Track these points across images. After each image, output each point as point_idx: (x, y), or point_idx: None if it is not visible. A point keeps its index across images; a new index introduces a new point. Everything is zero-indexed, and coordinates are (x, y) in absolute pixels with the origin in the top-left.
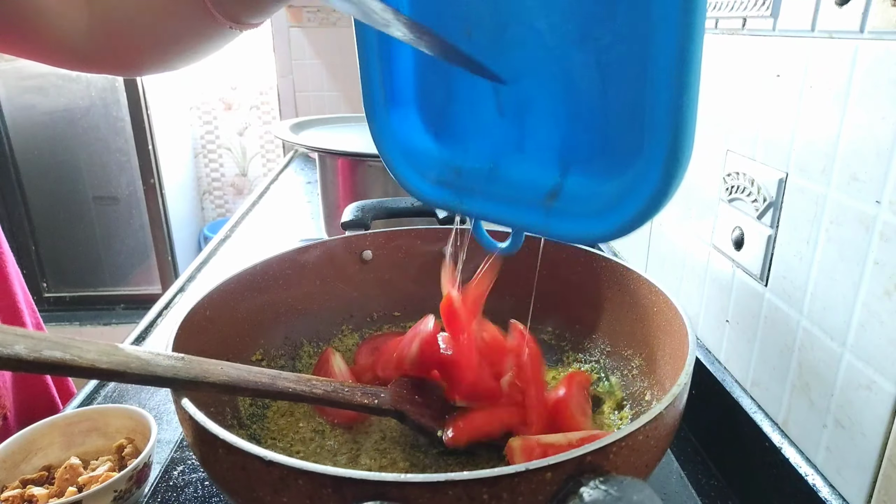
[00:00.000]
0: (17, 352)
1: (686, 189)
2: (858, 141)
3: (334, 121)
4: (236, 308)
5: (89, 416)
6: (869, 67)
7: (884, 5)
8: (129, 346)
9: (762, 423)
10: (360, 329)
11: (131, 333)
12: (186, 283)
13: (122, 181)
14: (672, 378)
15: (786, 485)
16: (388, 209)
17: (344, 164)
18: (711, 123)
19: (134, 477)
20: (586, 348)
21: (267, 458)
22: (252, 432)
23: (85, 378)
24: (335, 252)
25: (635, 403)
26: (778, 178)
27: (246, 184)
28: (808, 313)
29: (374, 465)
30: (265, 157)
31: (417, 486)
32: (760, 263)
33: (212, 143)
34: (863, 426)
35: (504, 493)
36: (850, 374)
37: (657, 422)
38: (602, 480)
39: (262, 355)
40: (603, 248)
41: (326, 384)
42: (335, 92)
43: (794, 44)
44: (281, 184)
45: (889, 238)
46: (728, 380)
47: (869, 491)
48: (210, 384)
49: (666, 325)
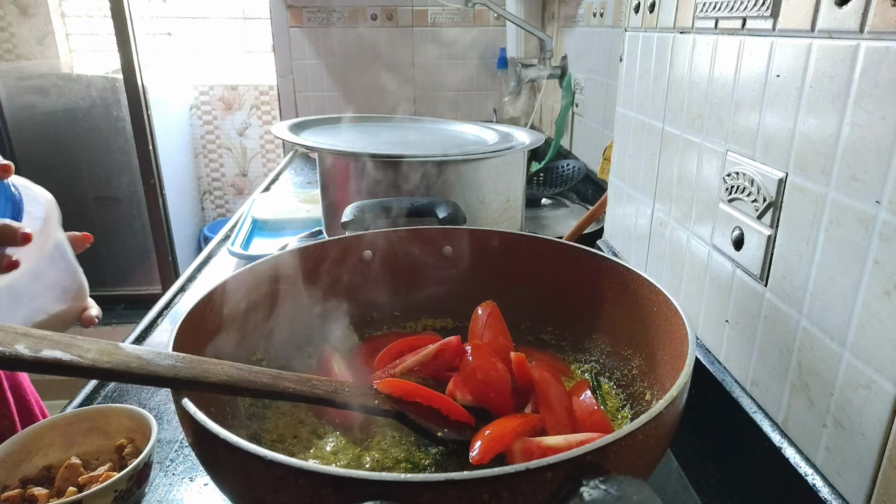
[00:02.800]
0: (18, 351)
1: (686, 189)
2: (858, 141)
3: (334, 121)
4: (236, 308)
5: (89, 415)
6: (869, 67)
7: (884, 5)
8: (129, 345)
9: (762, 422)
10: (360, 329)
11: (131, 333)
12: (186, 283)
13: (122, 181)
14: (672, 378)
15: (786, 485)
16: (388, 209)
17: (344, 164)
18: (711, 123)
19: (134, 477)
20: (586, 348)
21: (267, 458)
22: (252, 432)
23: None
24: (335, 252)
25: (635, 403)
26: (778, 178)
27: (246, 184)
28: (807, 313)
29: (375, 465)
30: (265, 157)
31: (417, 486)
32: (760, 263)
33: (212, 143)
34: (862, 426)
35: (504, 492)
36: (849, 373)
37: (657, 422)
38: (602, 480)
39: (262, 355)
40: (603, 249)
41: (326, 384)
42: (335, 92)
43: (794, 44)
44: (281, 184)
45: (889, 238)
46: (728, 380)
47: (869, 491)
48: (210, 384)
49: (666, 325)
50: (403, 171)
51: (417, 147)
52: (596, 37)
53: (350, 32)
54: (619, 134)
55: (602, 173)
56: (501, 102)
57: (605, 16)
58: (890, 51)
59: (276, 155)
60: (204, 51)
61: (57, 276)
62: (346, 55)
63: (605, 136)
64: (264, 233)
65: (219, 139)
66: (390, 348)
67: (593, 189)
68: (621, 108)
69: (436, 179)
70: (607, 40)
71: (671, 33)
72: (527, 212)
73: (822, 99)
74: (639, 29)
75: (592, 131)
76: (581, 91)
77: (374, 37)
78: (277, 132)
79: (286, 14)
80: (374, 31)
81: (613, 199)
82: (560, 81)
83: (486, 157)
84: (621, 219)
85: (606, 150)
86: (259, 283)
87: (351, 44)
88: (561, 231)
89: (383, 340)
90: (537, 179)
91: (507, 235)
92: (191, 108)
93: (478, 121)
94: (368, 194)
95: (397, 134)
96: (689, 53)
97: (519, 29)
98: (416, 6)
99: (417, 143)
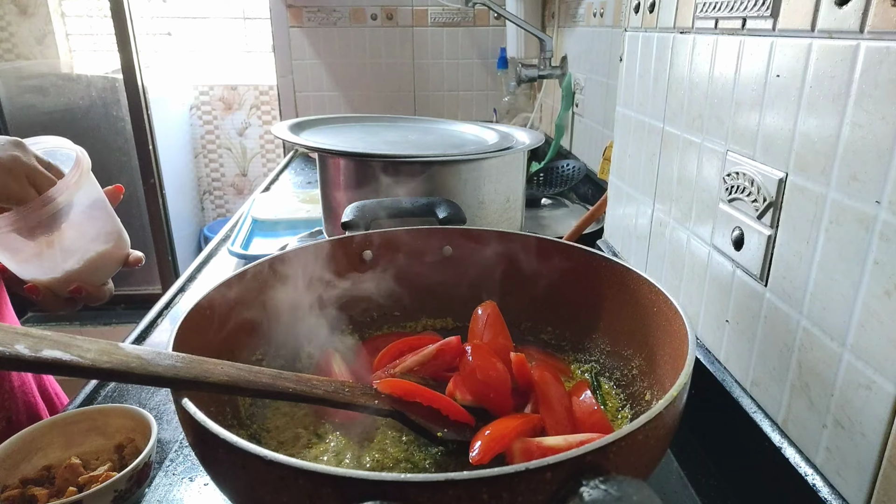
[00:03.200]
0: (18, 351)
1: (686, 189)
2: (858, 141)
3: (334, 121)
4: (236, 308)
5: (89, 415)
6: (869, 67)
7: (884, 5)
8: (129, 345)
9: (762, 423)
10: (360, 329)
11: (131, 333)
12: (186, 283)
13: (122, 181)
14: (672, 378)
15: (786, 485)
16: (388, 209)
17: (344, 164)
18: (711, 123)
19: (134, 477)
20: (586, 348)
21: (267, 458)
22: (252, 432)
23: (86, 378)
24: (335, 252)
25: (635, 403)
26: (778, 178)
27: (246, 184)
28: (807, 313)
29: (375, 465)
30: (265, 157)
31: (417, 486)
32: (760, 263)
33: (212, 143)
34: (863, 426)
35: (504, 492)
36: (849, 374)
37: (657, 422)
38: (602, 480)
39: (262, 355)
40: (603, 249)
41: (326, 384)
42: (335, 92)
43: (794, 44)
44: (281, 184)
45: (889, 238)
46: (728, 380)
47: (869, 491)
48: (210, 384)
49: (666, 325)
50: (403, 171)
51: (417, 147)
52: (596, 37)
53: (350, 32)
54: (619, 134)
55: (602, 173)
56: (501, 102)
57: (605, 16)
58: (890, 51)
59: (276, 155)
60: (204, 51)
61: (101, 224)
62: (346, 55)
63: (605, 136)
64: (264, 233)
65: (219, 139)
66: (390, 348)
67: (593, 189)
68: (621, 108)
69: (436, 179)
70: (607, 40)
71: (671, 33)
72: (527, 212)
73: (823, 99)
74: (639, 29)
75: (592, 131)
76: (581, 91)
77: (374, 37)
78: (277, 132)
79: (286, 14)
80: (374, 31)
81: (613, 199)
82: (560, 81)
83: (486, 157)
84: (621, 219)
85: (606, 150)
86: (259, 283)
87: (351, 44)
88: (561, 231)
89: (383, 340)
90: (537, 179)
91: (507, 235)
92: (191, 108)
93: (478, 121)
94: (368, 194)
95: (397, 134)
96: (689, 53)
97: (519, 29)
98: (416, 6)
99: (417, 143)
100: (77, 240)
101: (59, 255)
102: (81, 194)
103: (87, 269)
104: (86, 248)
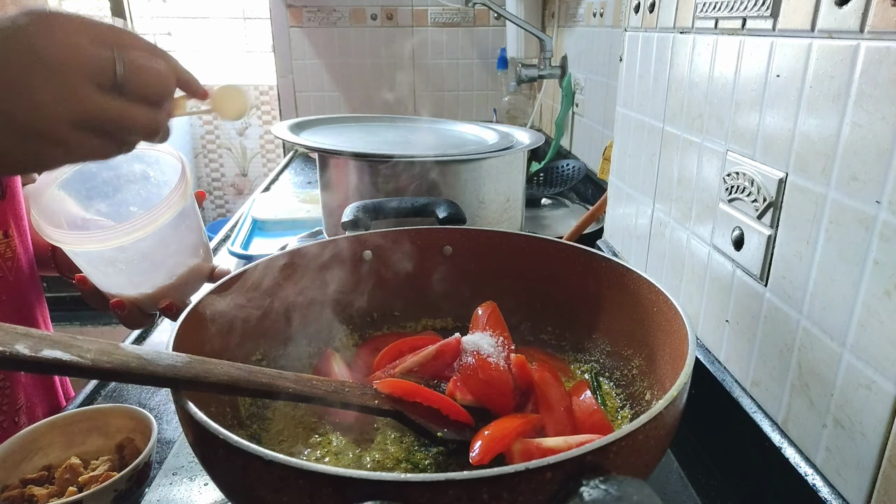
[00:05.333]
0: (18, 351)
1: (686, 189)
2: (858, 141)
3: (334, 121)
4: (236, 308)
5: (89, 415)
6: (869, 67)
7: (884, 5)
8: (129, 345)
9: (762, 423)
10: (360, 329)
11: (131, 333)
12: None
13: None
14: (672, 378)
15: (786, 485)
16: (388, 209)
17: (344, 164)
18: (711, 123)
19: (134, 477)
20: (586, 348)
21: (267, 458)
22: (252, 432)
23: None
24: (335, 252)
25: (635, 403)
26: (778, 178)
27: (246, 184)
28: (807, 313)
29: (375, 465)
30: (265, 157)
31: (417, 486)
32: (760, 263)
33: (212, 143)
34: (863, 426)
35: (504, 492)
36: (849, 373)
37: (657, 422)
38: (602, 480)
39: (262, 355)
40: (603, 249)
41: (326, 384)
42: (335, 92)
43: (794, 44)
44: (281, 184)
45: (889, 238)
46: (728, 380)
47: (869, 491)
48: (210, 384)
49: (666, 325)
50: (403, 171)
51: (417, 147)
52: (596, 37)
53: (350, 32)
54: (619, 134)
55: (602, 173)
56: (501, 102)
57: (605, 16)
58: (890, 51)
59: (276, 155)
60: (204, 51)
61: (193, 236)
62: (346, 55)
63: (605, 136)
64: (264, 233)
65: (219, 139)
66: (390, 348)
67: (593, 189)
68: (621, 108)
69: (436, 179)
70: (607, 40)
71: (671, 33)
72: (527, 212)
73: (823, 99)
74: (639, 29)
75: (592, 131)
76: (581, 91)
77: (374, 37)
78: (277, 132)
79: (286, 14)
80: (374, 31)
81: (613, 199)
82: (560, 81)
83: (486, 157)
84: (621, 219)
85: (606, 150)
86: (259, 283)
87: (351, 44)
88: (561, 231)
89: (383, 340)
90: (537, 179)
91: (507, 235)
92: None
93: (478, 121)
94: (368, 194)
95: (397, 134)
96: (689, 53)
97: (519, 29)
98: (416, 6)
99: (417, 143)
100: (171, 254)
101: (151, 270)
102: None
103: (178, 283)
104: (177, 262)
